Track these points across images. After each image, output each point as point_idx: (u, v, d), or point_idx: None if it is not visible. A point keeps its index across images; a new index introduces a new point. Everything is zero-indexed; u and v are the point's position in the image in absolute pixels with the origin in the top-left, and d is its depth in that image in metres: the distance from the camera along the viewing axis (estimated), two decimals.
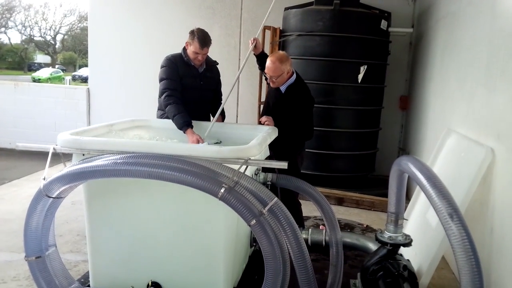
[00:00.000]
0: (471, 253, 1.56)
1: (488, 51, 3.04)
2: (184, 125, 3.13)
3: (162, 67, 3.43)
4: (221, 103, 3.62)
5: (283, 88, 3.35)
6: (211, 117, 3.63)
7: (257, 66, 3.71)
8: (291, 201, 3.41)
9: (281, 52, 3.53)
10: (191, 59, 3.41)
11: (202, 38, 3.33)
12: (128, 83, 7.00)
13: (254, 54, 3.60)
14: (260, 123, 3.37)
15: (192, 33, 3.36)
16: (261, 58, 3.60)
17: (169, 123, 3.27)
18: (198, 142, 3.01)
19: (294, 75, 3.36)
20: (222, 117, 3.62)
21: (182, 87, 3.39)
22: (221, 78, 3.75)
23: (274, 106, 3.40)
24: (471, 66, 3.41)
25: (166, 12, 6.78)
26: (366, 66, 5.21)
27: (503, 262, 2.46)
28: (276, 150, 3.09)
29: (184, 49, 3.45)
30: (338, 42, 5.19)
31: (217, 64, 3.71)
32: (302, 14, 5.35)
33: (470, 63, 3.43)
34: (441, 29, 4.67)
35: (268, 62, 3.25)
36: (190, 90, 3.43)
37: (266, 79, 3.44)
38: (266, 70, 3.28)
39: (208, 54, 3.51)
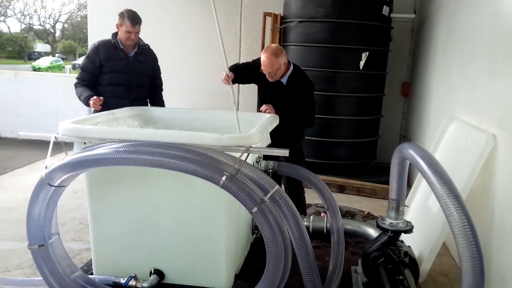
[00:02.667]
0: (472, 239, 1.56)
1: (491, 37, 3.01)
2: (87, 97, 3.34)
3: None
4: (161, 89, 3.74)
5: (284, 80, 3.31)
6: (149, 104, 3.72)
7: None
8: (296, 188, 3.42)
9: (273, 45, 3.40)
10: (124, 40, 3.44)
11: (132, 16, 3.39)
12: None
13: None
14: (260, 111, 3.35)
15: (121, 14, 3.42)
16: (236, 77, 3.30)
17: (169, 112, 3.26)
18: (97, 99, 3.24)
19: (291, 64, 3.32)
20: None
21: (108, 71, 3.44)
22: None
23: (277, 98, 3.33)
24: (473, 52, 3.38)
25: None
26: (367, 53, 5.17)
27: (504, 248, 2.46)
28: (278, 139, 3.07)
29: (116, 33, 3.49)
30: (340, 28, 5.14)
31: (148, 46, 3.65)
32: (303, 1, 5.29)
33: (473, 50, 3.40)
34: (444, 15, 4.62)
35: (263, 58, 3.15)
36: (118, 73, 3.45)
37: (259, 83, 3.35)
38: (262, 67, 3.18)
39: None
